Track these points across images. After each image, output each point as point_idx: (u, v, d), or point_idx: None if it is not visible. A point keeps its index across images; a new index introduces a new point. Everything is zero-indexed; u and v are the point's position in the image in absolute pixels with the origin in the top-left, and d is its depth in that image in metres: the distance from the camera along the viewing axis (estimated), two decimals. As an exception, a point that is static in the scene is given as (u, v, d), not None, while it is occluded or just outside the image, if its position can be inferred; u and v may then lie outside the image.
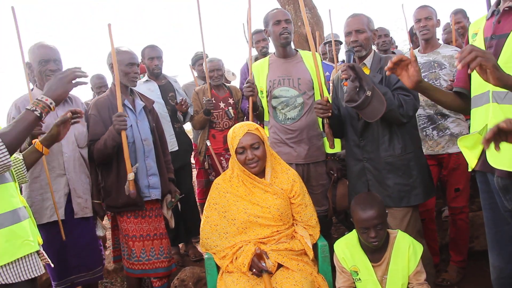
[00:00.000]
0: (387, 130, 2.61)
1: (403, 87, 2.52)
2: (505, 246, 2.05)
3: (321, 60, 3.34)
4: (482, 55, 1.58)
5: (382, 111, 2.36)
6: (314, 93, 3.10)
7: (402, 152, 2.62)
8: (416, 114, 2.98)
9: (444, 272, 3.33)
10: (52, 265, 1.98)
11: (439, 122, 3.26)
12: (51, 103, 1.76)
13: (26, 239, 1.76)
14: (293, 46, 3.22)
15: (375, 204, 2.23)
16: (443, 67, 3.23)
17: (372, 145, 2.66)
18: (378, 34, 3.39)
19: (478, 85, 1.96)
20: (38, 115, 1.72)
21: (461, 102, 2.18)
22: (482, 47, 1.93)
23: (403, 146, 2.61)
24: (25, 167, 2.13)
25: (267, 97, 3.15)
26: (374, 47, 3.32)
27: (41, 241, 1.94)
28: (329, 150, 3.09)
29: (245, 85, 3.05)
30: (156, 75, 4.11)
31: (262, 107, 3.24)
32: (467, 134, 3.21)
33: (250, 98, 3.05)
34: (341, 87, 2.81)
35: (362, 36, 2.65)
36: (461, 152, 3.17)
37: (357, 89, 2.44)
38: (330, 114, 2.62)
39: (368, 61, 2.71)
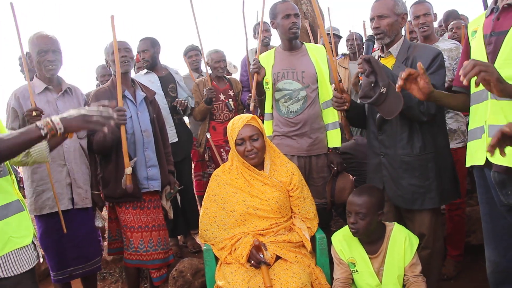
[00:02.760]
0: (406, 127, 2.44)
1: None
2: (501, 241, 2.07)
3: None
4: (485, 69, 1.59)
5: (399, 109, 2.21)
6: (318, 87, 3.08)
7: (421, 151, 2.43)
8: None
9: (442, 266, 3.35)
10: (41, 260, 1.97)
11: None
12: (60, 129, 1.71)
13: (11, 235, 1.75)
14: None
15: (367, 194, 2.24)
16: None
17: (390, 140, 2.51)
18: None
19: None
20: (43, 135, 1.69)
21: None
22: (482, 44, 1.94)
23: (423, 145, 2.43)
24: (48, 147, 2.10)
25: (271, 89, 3.13)
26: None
27: (35, 233, 1.93)
28: (331, 144, 3.11)
29: (252, 63, 3.01)
30: (147, 67, 4.04)
31: (265, 98, 3.20)
32: (465, 130, 3.25)
33: (255, 76, 2.99)
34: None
35: (384, 22, 2.44)
36: (458, 148, 3.23)
37: (372, 85, 2.28)
38: (346, 107, 2.53)
39: (394, 49, 2.52)
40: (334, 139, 3.10)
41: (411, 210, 2.54)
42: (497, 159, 1.84)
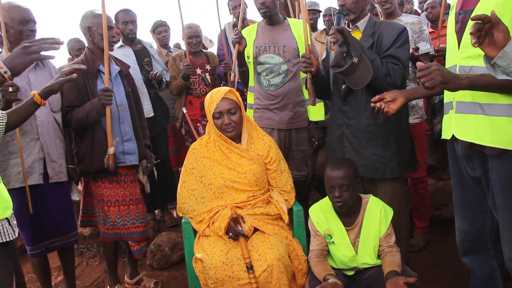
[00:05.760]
0: (371, 98, 2.43)
1: (393, 55, 2.45)
2: (470, 211, 2.13)
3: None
4: (426, 78, 1.71)
5: (368, 79, 2.29)
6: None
7: (385, 122, 2.53)
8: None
9: (411, 238, 3.45)
10: (16, 235, 1.94)
11: None
12: (5, 72, 1.62)
13: None
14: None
15: (345, 166, 2.28)
16: None
17: (354, 111, 2.58)
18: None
19: (448, 59, 2.01)
20: None
21: None
22: (453, 21, 1.95)
23: (386, 116, 2.47)
24: (4, 127, 2.04)
25: (253, 62, 3.15)
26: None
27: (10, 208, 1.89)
28: (312, 118, 3.13)
29: (234, 34, 3.03)
30: (130, 40, 4.03)
31: (248, 69, 3.22)
32: (422, 106, 3.42)
33: (236, 45, 3.01)
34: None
35: (350, 0, 2.52)
36: (416, 123, 3.36)
37: (344, 55, 2.36)
38: (313, 69, 2.55)
39: (361, 24, 2.60)
40: (317, 113, 3.12)
41: (373, 183, 2.62)
42: (461, 135, 1.89)
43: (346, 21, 2.65)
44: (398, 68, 2.43)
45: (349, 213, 2.32)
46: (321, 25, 5.22)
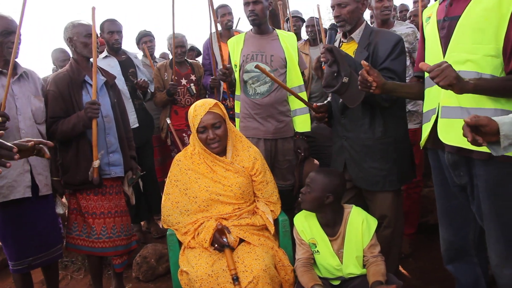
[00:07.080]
0: (368, 111, 2.49)
1: (389, 68, 2.40)
2: (454, 220, 2.15)
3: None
4: (440, 77, 1.68)
5: (361, 98, 2.26)
6: (286, 71, 3.11)
7: (382, 135, 2.50)
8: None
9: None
10: None
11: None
12: None
13: None
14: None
15: (323, 174, 2.29)
16: None
17: (352, 124, 2.57)
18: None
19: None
20: None
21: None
22: (435, 29, 1.99)
23: (384, 129, 2.50)
24: None
25: (239, 71, 3.17)
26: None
27: None
28: (298, 129, 3.16)
29: (221, 72, 3.09)
30: (115, 50, 4.03)
31: (235, 80, 3.25)
32: (422, 112, 3.37)
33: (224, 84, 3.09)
34: None
35: (344, 10, 2.46)
36: (418, 128, 3.34)
37: (335, 74, 2.31)
38: (326, 119, 2.68)
39: (356, 35, 2.54)
40: (303, 124, 3.14)
41: (372, 192, 2.60)
42: (448, 140, 1.91)
43: (342, 32, 2.62)
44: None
45: (331, 224, 2.31)
46: (304, 34, 5.26)
